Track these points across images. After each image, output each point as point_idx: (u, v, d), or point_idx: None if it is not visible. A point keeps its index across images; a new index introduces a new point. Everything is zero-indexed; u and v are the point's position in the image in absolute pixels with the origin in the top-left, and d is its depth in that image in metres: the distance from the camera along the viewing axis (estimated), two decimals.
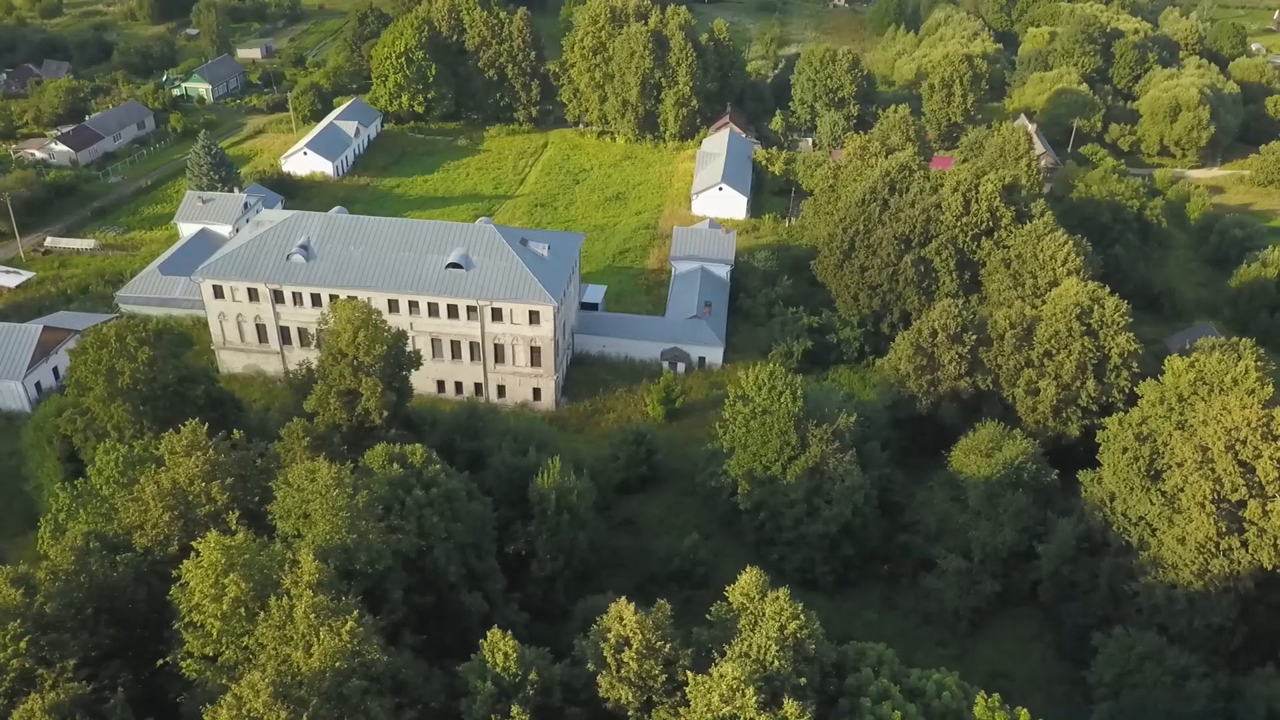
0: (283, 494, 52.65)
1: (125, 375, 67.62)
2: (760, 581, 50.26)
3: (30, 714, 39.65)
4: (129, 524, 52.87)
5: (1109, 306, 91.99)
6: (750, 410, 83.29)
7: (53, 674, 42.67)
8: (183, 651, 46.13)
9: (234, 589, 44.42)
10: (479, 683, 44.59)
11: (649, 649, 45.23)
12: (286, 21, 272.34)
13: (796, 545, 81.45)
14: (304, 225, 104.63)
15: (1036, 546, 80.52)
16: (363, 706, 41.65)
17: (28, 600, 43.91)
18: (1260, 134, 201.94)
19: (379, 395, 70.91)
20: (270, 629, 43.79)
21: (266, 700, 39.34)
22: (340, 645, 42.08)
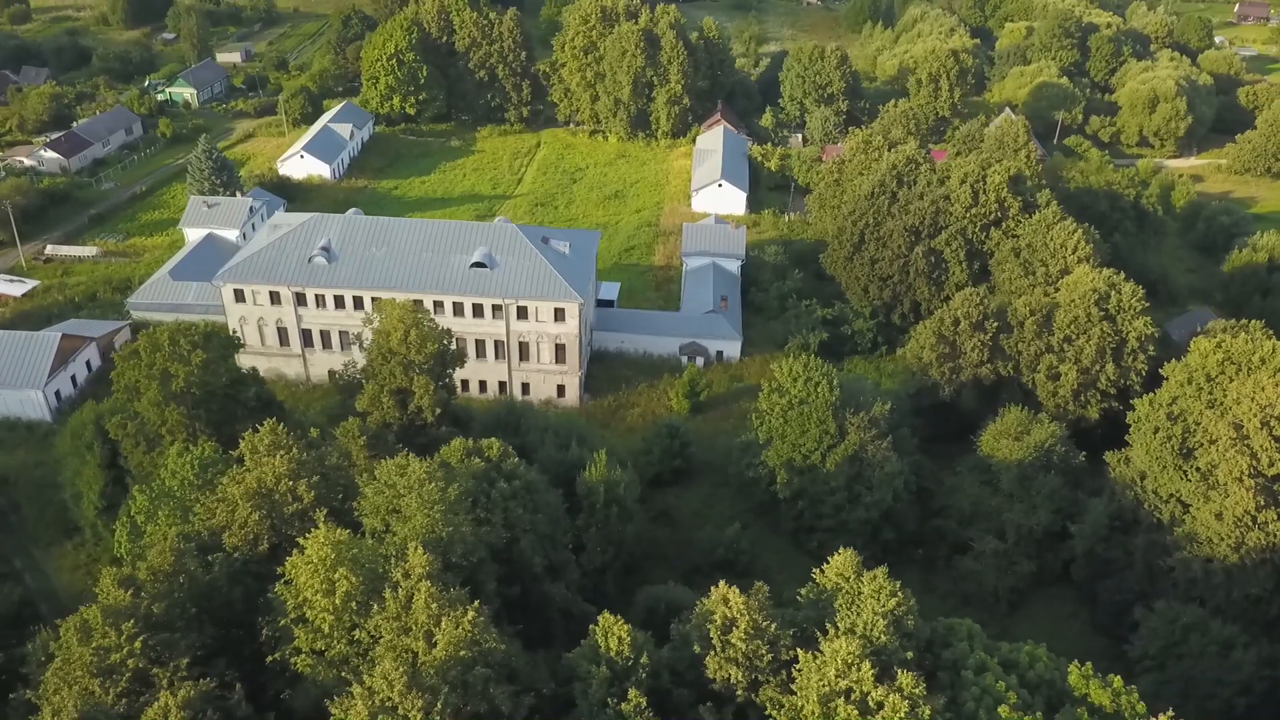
0: (373, 490, 52.98)
1: (179, 378, 67.42)
2: (855, 562, 51.49)
3: (166, 710, 39.84)
4: (216, 524, 52.93)
5: (1126, 292, 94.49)
6: (787, 401, 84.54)
7: (167, 673, 42.79)
8: (290, 648, 46.37)
9: (344, 583, 44.81)
10: (593, 667, 45.39)
11: (756, 629, 46.32)
12: (263, 25, 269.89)
13: (837, 532, 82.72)
14: (323, 227, 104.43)
15: (1070, 526, 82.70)
16: (486, 694, 42.28)
17: (137, 601, 43.98)
18: (1233, 124, 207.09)
19: (431, 393, 71.30)
20: (387, 621, 44.24)
21: (401, 690, 39.84)
22: (463, 634, 42.67)
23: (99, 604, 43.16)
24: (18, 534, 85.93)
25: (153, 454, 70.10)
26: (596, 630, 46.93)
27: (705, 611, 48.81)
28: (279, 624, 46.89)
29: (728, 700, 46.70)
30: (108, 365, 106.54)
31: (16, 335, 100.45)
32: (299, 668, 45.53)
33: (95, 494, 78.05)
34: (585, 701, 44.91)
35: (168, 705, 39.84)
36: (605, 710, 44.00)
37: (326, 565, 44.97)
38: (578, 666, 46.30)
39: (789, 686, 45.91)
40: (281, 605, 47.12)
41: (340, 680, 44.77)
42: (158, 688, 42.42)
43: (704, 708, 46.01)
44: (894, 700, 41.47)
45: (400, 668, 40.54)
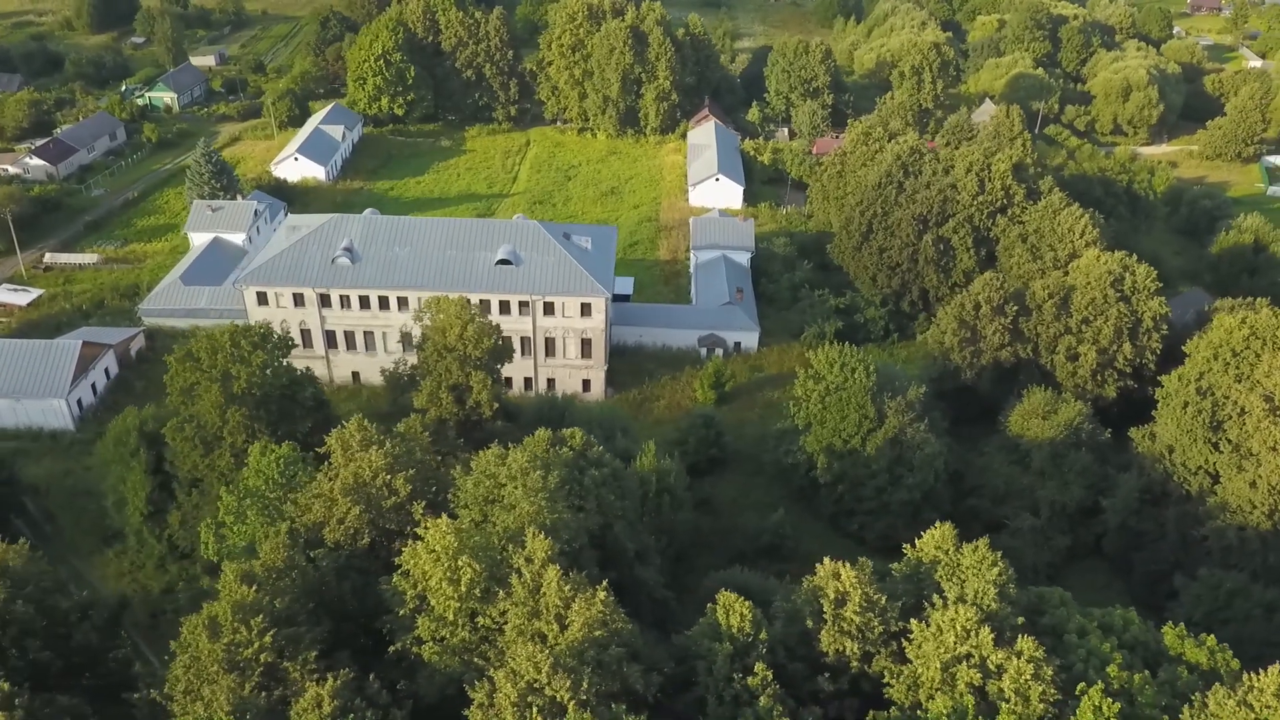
0: (473, 480, 53.49)
1: (240, 380, 67.26)
2: (952, 534, 53.12)
3: (319, 700, 40.16)
4: (312, 520, 53.09)
5: (1140, 273, 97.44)
6: (824, 388, 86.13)
7: (296, 666, 43.09)
8: (411, 637, 46.82)
9: (468, 571, 45.37)
10: (715, 644, 46.44)
11: (868, 602, 47.67)
12: (232, 28, 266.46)
13: (878, 514, 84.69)
14: (344, 228, 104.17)
15: (1102, 501, 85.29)
16: (619, 673, 43.15)
17: (262, 596, 44.18)
18: (1200, 111, 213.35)
19: (489, 388, 71.85)
20: (515, 606, 44.87)
21: (548, 671, 40.56)
22: (596, 615, 43.51)
23: (226, 600, 43.26)
24: (54, 543, 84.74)
25: (210, 456, 69.86)
26: (717, 608, 48.04)
27: (814, 587, 50.13)
28: (399, 614, 47.30)
29: (841, 672, 48.05)
30: (126, 372, 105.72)
31: (36, 344, 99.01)
32: (425, 656, 45.98)
33: (141, 500, 77.33)
34: (710, 678, 45.96)
35: (320, 696, 40.20)
36: (730, 685, 45.14)
37: (449, 553, 45.53)
38: (699, 644, 47.39)
39: (901, 655, 47.41)
40: (399, 596, 47.55)
41: (467, 666, 45.37)
42: (290, 682, 42.69)
43: (822, 678, 47.32)
44: (1018, 664, 43.11)
45: (544, 650, 41.25)
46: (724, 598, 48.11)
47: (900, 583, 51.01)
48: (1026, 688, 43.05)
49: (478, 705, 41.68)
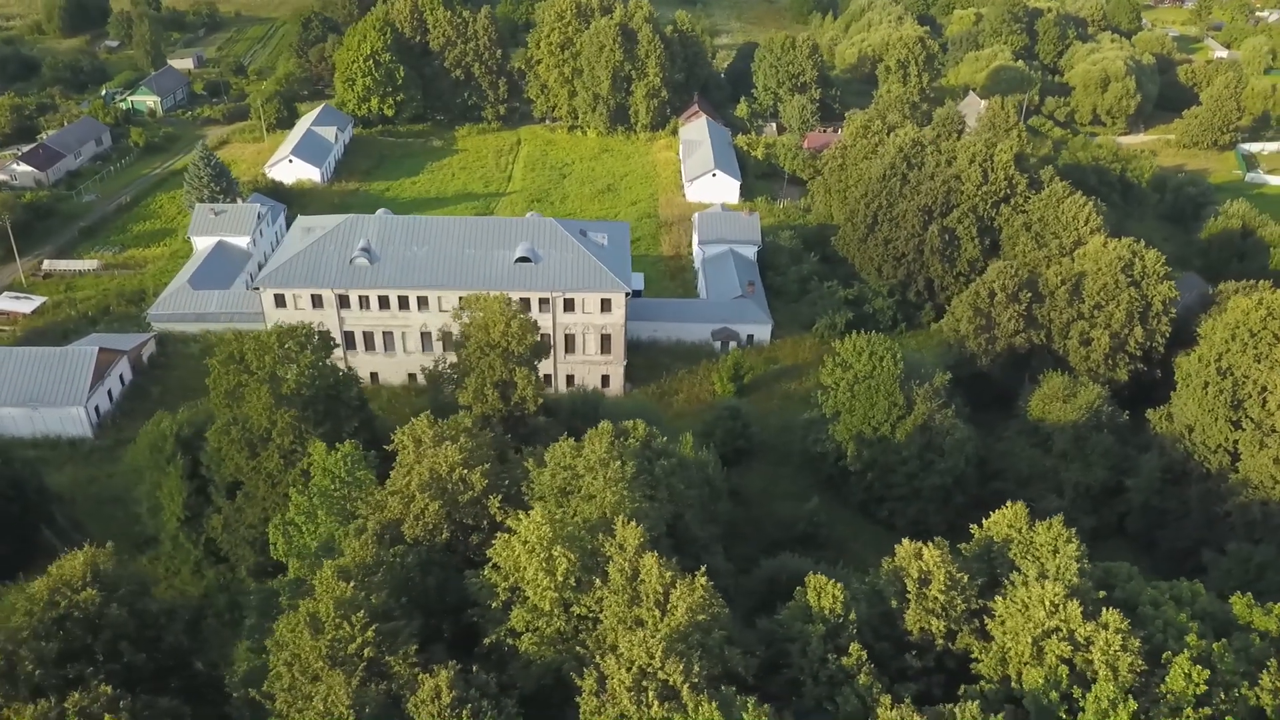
0: (550, 472, 53.87)
1: (290, 380, 67.12)
2: (1024, 513, 54.45)
3: (437, 691, 40.41)
4: (390, 517, 53.20)
5: (1149, 259, 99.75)
6: (853, 376, 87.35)
7: (399, 660, 43.32)
8: (505, 629, 47.16)
9: (563, 561, 45.83)
10: (807, 625, 47.29)
11: (952, 580, 48.79)
12: (207, 30, 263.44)
13: (909, 499, 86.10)
14: (360, 228, 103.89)
15: (1125, 481, 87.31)
16: (721, 656, 43.87)
17: (359, 593, 44.32)
18: (1174, 101, 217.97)
19: (533, 383, 72.27)
20: (613, 594, 45.38)
21: (661, 656, 41.15)
22: (699, 600, 44.18)
23: (326, 597, 43.31)
24: None
25: (257, 459, 69.59)
26: (808, 590, 48.88)
27: (895, 568, 51.20)
28: (491, 607, 47.63)
29: (927, 649, 49.13)
30: (139, 378, 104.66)
31: (52, 351, 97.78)
32: (523, 647, 46.32)
33: (177, 505, 76.85)
34: (804, 659, 46.82)
35: (438, 687, 40.46)
36: (825, 666, 46.02)
37: (544, 544, 45.94)
38: (789, 626, 48.22)
39: (983, 632, 48.61)
40: (490, 589, 47.86)
41: (566, 655, 45.83)
42: (394, 676, 42.89)
43: (910, 656, 48.38)
44: (1106, 636, 44.40)
45: (657, 635, 41.85)
46: (815, 580, 49.01)
47: (972, 561, 52.17)
48: (1115, 659, 44.37)
49: (588, 692, 42.18)
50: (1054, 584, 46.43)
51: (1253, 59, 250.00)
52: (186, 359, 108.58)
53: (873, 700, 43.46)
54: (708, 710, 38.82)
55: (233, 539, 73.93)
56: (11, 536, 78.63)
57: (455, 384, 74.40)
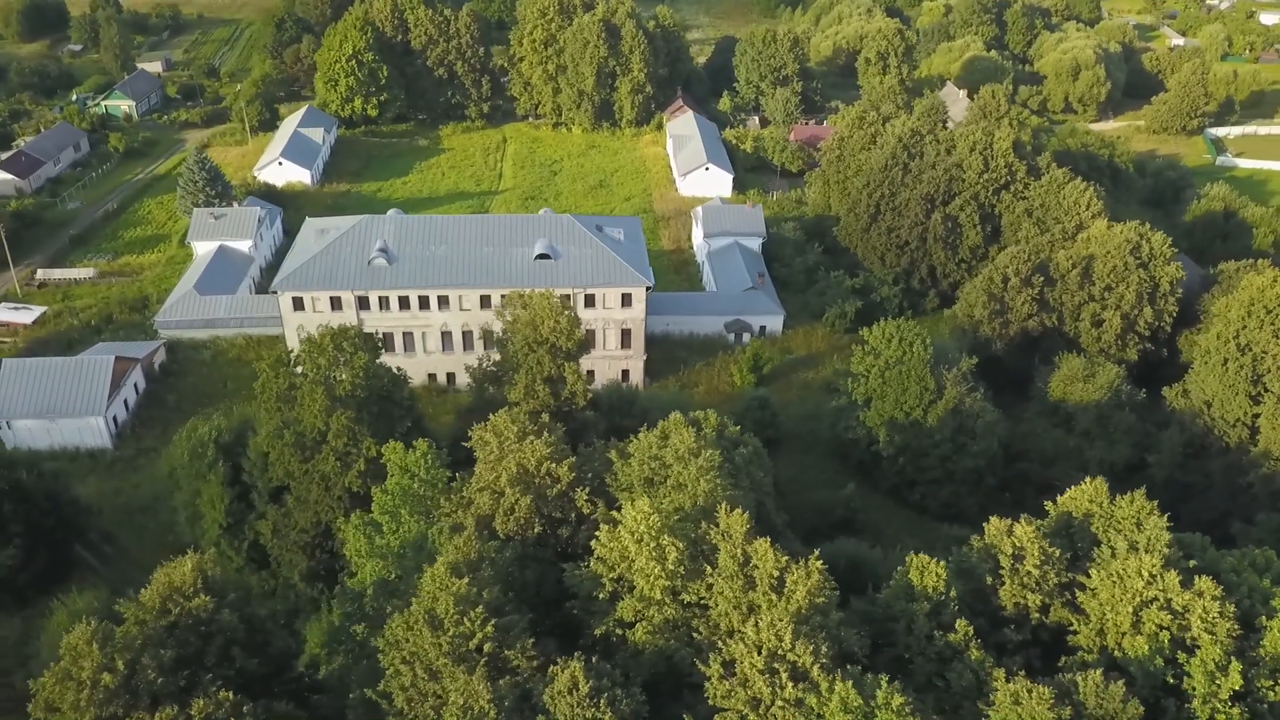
0: (637, 463, 54.17)
1: (345, 383, 66.70)
2: (1104, 488, 55.91)
3: (574, 681, 40.56)
4: (480, 513, 53.14)
5: (1155, 241, 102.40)
6: (883, 362, 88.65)
7: (517, 654, 43.43)
8: (614, 620, 47.44)
9: (673, 550, 46.24)
10: (910, 604, 48.18)
11: (1045, 556, 50.00)
12: (170, 32, 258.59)
13: (942, 482, 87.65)
14: (376, 229, 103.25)
15: (1148, 458, 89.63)
16: (838, 637, 44.60)
17: (473, 588, 44.30)
18: (1140, 88, 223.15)
19: (583, 378, 72.56)
20: (727, 580, 45.85)
21: (789, 639, 41.74)
22: (816, 583, 44.85)
23: (445, 593, 43.19)
24: (119, 564, 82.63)
25: (311, 462, 69.03)
26: (910, 570, 49.79)
27: (987, 545, 52.39)
28: (597, 598, 47.90)
29: (1022, 624, 50.35)
30: (153, 386, 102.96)
31: (68, 361, 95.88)
32: (635, 637, 46.62)
33: (220, 513, 75.90)
34: (909, 637, 47.74)
35: (575, 677, 40.64)
36: (932, 643, 46.98)
37: (653, 533, 46.32)
38: (892, 606, 49.12)
39: (1074, 605, 49.97)
40: (595, 580, 48.10)
41: (678, 643, 46.24)
42: (515, 670, 42.98)
43: (1009, 630, 49.58)
44: (1203, 604, 45.95)
45: (784, 618, 42.44)
46: (917, 560, 49.98)
47: (1052, 536, 53.49)
48: (1214, 625, 45.93)
49: (715, 677, 42.65)
50: (1150, 555, 47.87)
51: (1210, 45, 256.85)
52: (198, 365, 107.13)
53: (985, 674, 44.49)
54: (843, 689, 39.54)
55: (282, 544, 73.20)
56: (47, 550, 77.30)
57: (500, 381, 74.32)
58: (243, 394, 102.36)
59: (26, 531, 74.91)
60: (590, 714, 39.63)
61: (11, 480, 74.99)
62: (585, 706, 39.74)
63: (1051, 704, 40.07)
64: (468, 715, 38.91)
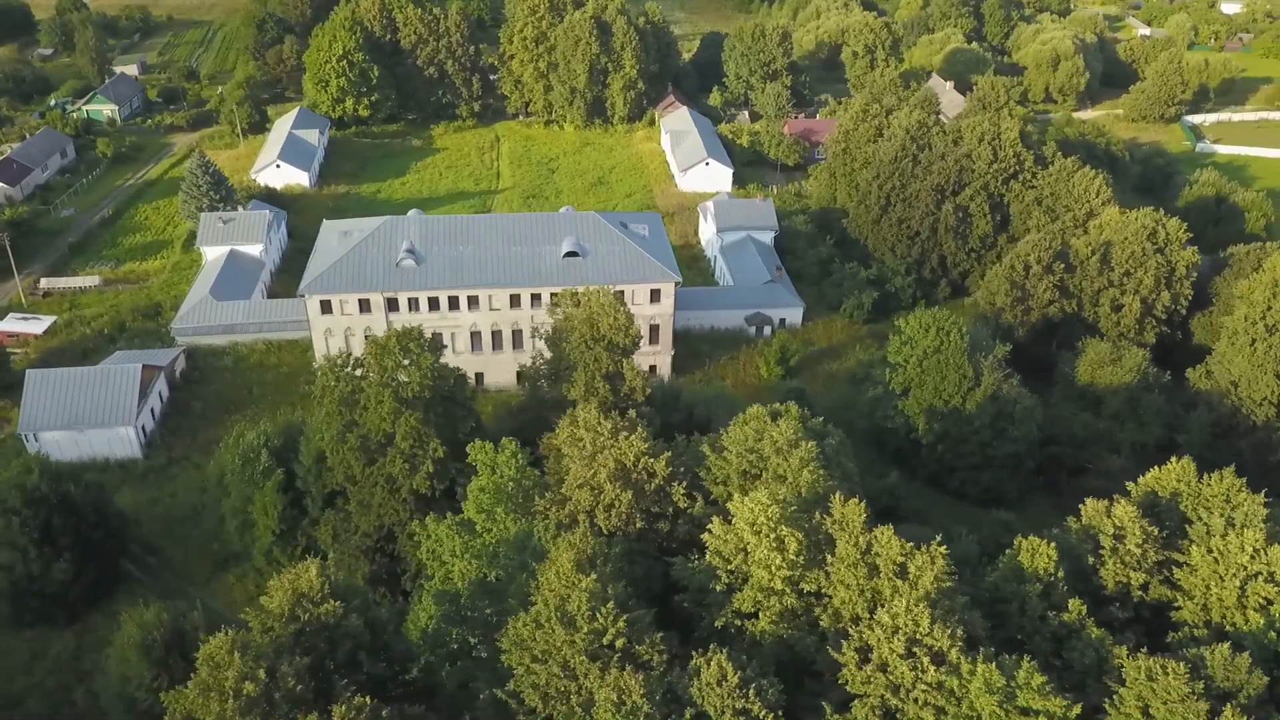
0: (735, 455, 54.38)
1: (413, 384, 66.24)
2: (1192, 468, 57.20)
3: (723, 672, 40.72)
4: (578, 509, 53.09)
5: (1170, 227, 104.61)
6: (921, 352, 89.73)
7: (648, 648, 43.54)
8: (731, 611, 47.69)
9: (793, 540, 46.61)
10: (1022, 586, 49.00)
11: (1146, 535, 51.07)
12: (141, 35, 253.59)
13: (982, 468, 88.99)
14: (401, 230, 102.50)
15: (1177, 438, 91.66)
16: (964, 620, 45.25)
17: (599, 584, 44.30)
18: (1115, 78, 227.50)
19: (640, 374, 72.76)
20: (850, 568, 46.27)
21: (927, 623, 42.26)
22: (942, 568, 45.45)
23: (579, 591, 43.10)
24: (162, 575, 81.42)
25: (376, 465, 68.51)
26: (1020, 552, 50.61)
27: (1085, 526, 53.43)
28: (714, 590, 48.11)
29: (1125, 602, 51.44)
30: (175, 394, 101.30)
31: (94, 371, 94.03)
32: (758, 627, 46.90)
33: (274, 520, 75.09)
34: (1023, 618, 48.58)
35: (724, 669, 40.81)
36: (1046, 623, 47.86)
37: (772, 524, 46.65)
38: (1004, 587, 49.92)
39: (1170, 582, 51.17)
40: (708, 572, 48.31)
41: (800, 632, 46.62)
42: (648, 665, 43.09)
43: (1114, 608, 50.65)
44: None
45: (920, 604, 42.98)
46: (1028, 543, 50.86)
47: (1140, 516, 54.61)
48: None
49: (850, 664, 43.09)
50: (1250, 531, 49.17)
51: (1177, 35, 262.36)
52: (220, 372, 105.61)
53: (1106, 652, 45.45)
54: (985, 670, 40.20)
55: (343, 549, 72.53)
56: (96, 564, 75.91)
57: (555, 379, 74.30)
58: (269, 399, 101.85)
59: (75, 545, 73.65)
60: (740, 705, 39.92)
61: (60, 493, 73.61)
62: (735, 697, 40.00)
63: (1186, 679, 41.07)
64: (621, 711, 38.95)
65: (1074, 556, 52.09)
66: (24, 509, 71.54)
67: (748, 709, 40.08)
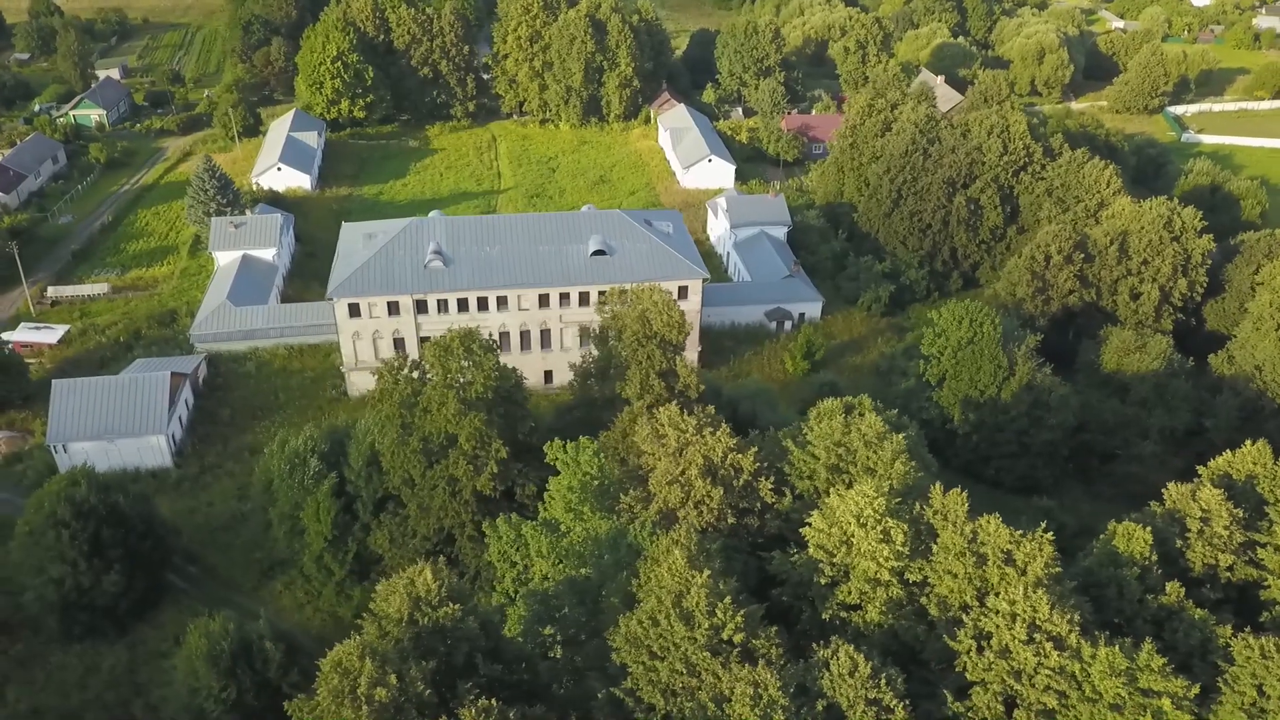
0: (823, 449, 54.65)
1: (477, 384, 65.96)
2: (1269, 451, 58.35)
3: (854, 663, 40.97)
4: (667, 506, 53.12)
5: (1186, 215, 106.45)
6: (955, 343, 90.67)
7: (764, 642, 43.74)
8: (837, 603, 48.01)
9: (899, 532, 47.03)
10: (1118, 570, 49.77)
11: (1233, 517, 52.07)
12: (118, 39, 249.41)
13: (1018, 456, 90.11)
14: (426, 231, 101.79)
15: (1205, 422, 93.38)
16: (1074, 604, 45.92)
17: (714, 580, 44.41)
18: (1096, 70, 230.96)
19: (694, 370, 72.95)
20: (957, 558, 46.74)
21: (1046, 609, 42.84)
22: (1050, 555, 46.13)
23: (696, 586, 43.13)
24: (206, 584, 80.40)
25: (438, 467, 68.17)
26: (1115, 537, 51.40)
27: (1170, 509, 54.38)
28: (819, 584, 48.41)
29: (1214, 583, 52.42)
30: (200, 402, 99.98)
31: (123, 379, 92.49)
32: (868, 619, 47.24)
33: (326, 525, 74.42)
34: (1121, 600, 49.35)
35: (855, 660, 41.07)
36: (1145, 606, 48.67)
37: (878, 516, 47.03)
38: (1099, 572, 50.69)
39: (1255, 562, 52.24)
40: (810, 565, 48.58)
41: (912, 622, 47.04)
42: (766, 659, 43.30)
43: (1205, 590, 51.61)
44: None
45: (1037, 590, 43.53)
46: (1124, 527, 51.68)
47: None
48: None
49: (968, 651, 43.57)
50: None
51: (1152, 28, 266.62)
52: (243, 378, 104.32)
53: (1210, 632, 46.35)
54: (1108, 654, 40.85)
55: (401, 553, 72.10)
56: (145, 575, 74.83)
57: (605, 377, 74.33)
58: (296, 405, 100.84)
59: (125, 556, 72.55)
60: (873, 694, 40.26)
61: (108, 504, 72.46)
62: (868, 688, 40.33)
63: None
64: (759, 705, 39.10)
65: (1160, 540, 53.03)
66: (73, 521, 70.36)
67: (879, 699, 40.46)
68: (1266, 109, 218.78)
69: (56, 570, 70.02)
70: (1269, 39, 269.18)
